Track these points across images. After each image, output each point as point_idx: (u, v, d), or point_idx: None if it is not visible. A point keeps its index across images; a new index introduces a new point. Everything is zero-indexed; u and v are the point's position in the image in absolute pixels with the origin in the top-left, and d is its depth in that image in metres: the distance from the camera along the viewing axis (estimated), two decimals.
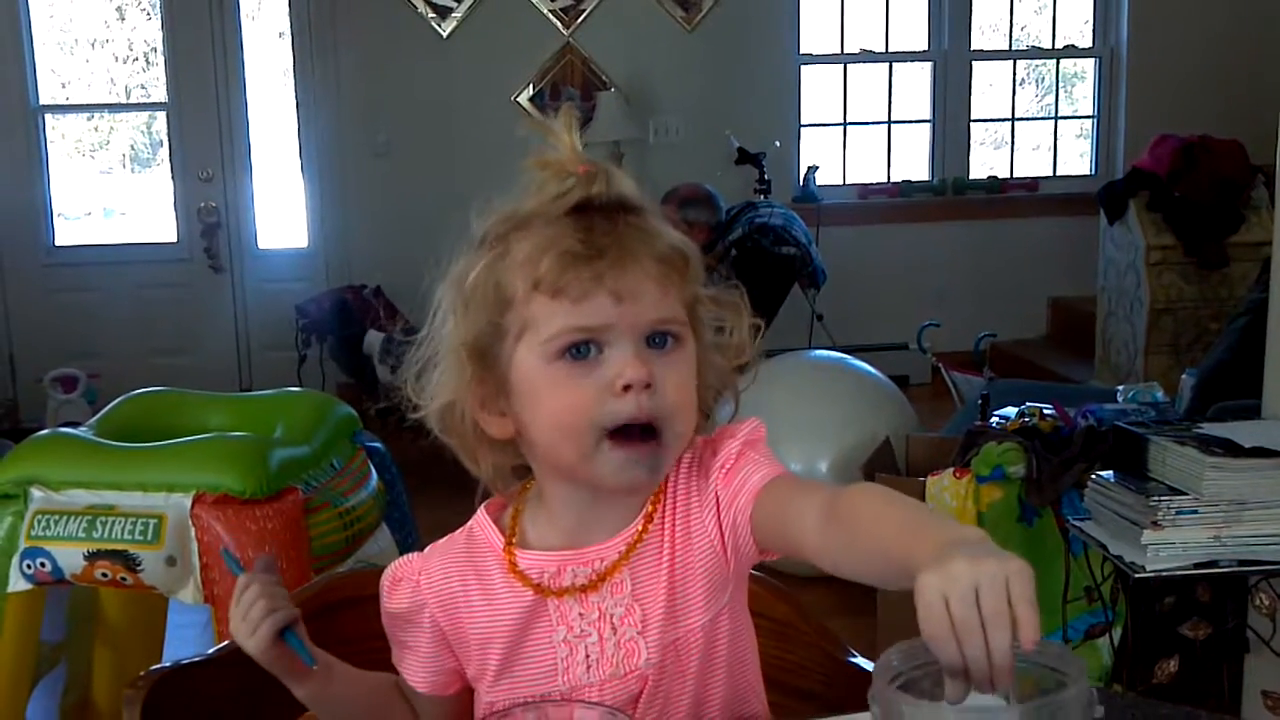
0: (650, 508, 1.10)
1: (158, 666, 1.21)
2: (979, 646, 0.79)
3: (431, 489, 3.04)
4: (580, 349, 1.03)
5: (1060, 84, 6.84)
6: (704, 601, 1.09)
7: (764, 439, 1.12)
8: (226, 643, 1.29)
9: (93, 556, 2.26)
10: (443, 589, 1.13)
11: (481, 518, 1.16)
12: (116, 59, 6.15)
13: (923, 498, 2.97)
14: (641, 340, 1.04)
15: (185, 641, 2.72)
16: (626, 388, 1.02)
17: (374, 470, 2.65)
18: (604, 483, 1.06)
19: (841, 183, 6.51)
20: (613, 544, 1.10)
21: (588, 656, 1.09)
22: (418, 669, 1.16)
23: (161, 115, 6.06)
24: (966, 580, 0.79)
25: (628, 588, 1.09)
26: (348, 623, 1.33)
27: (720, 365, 1.12)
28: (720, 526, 1.08)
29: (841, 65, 6.47)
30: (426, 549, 1.17)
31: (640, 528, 1.10)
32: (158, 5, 5.89)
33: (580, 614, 1.09)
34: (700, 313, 1.10)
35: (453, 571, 1.13)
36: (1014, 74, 6.69)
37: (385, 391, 1.15)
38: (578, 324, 1.02)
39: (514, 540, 1.13)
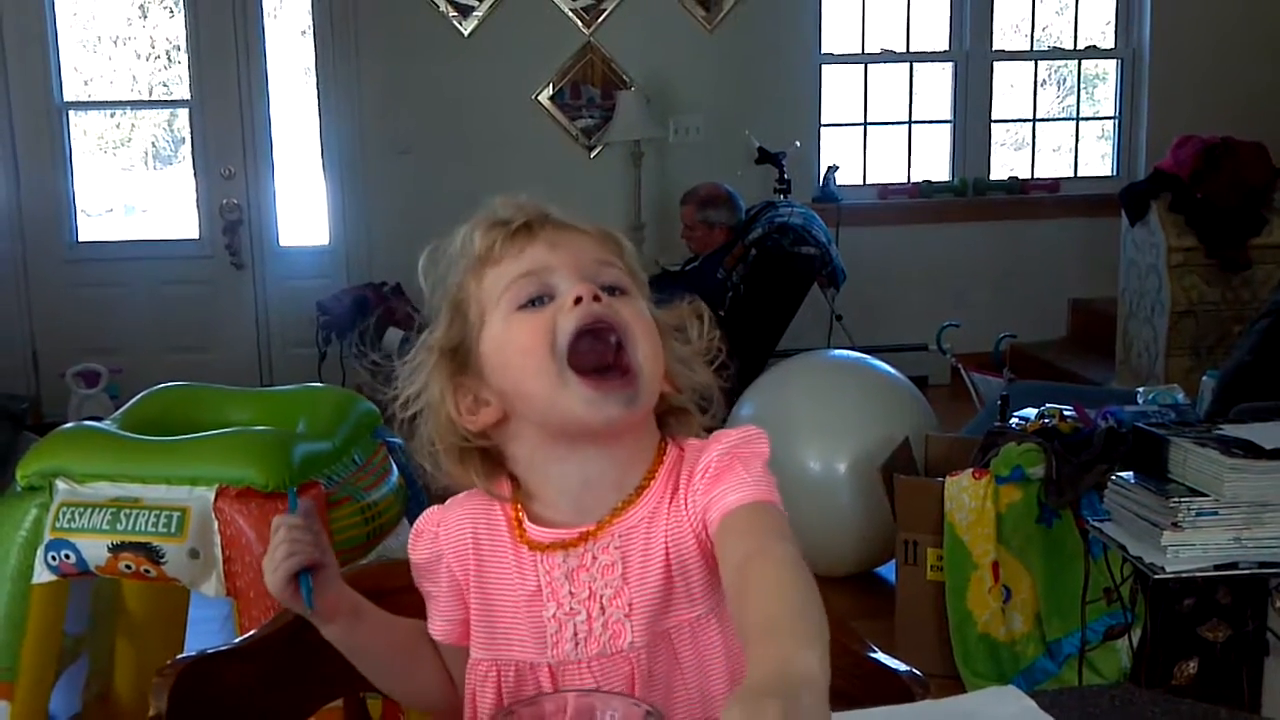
0: (642, 483, 1.12)
1: (184, 655, 1.22)
2: None
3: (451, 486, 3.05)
4: (535, 301, 1.10)
5: (1082, 85, 6.82)
6: (698, 594, 1.11)
7: (761, 453, 1.11)
8: (251, 633, 1.31)
9: (117, 549, 2.27)
10: (458, 541, 1.16)
11: (503, 481, 1.18)
12: (139, 56, 6.18)
13: (941, 498, 2.97)
14: (589, 279, 1.11)
15: (207, 634, 2.74)
16: (577, 300, 1.08)
17: (395, 466, 2.66)
18: (580, 421, 1.08)
19: (862, 183, 6.50)
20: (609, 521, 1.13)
21: (576, 634, 1.11)
22: (437, 618, 1.19)
23: (184, 112, 6.09)
24: None
25: (619, 570, 1.11)
26: None
27: (687, 357, 1.16)
28: (703, 530, 1.10)
29: (862, 65, 6.46)
30: (451, 499, 1.19)
31: (630, 497, 1.12)
32: (180, 2, 5.92)
33: (570, 592, 1.11)
34: (646, 297, 1.16)
35: (469, 524, 1.16)
36: (1035, 75, 6.67)
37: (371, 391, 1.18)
38: (522, 270, 1.11)
39: (520, 513, 1.15)
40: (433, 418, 1.14)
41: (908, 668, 1.15)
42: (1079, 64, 6.76)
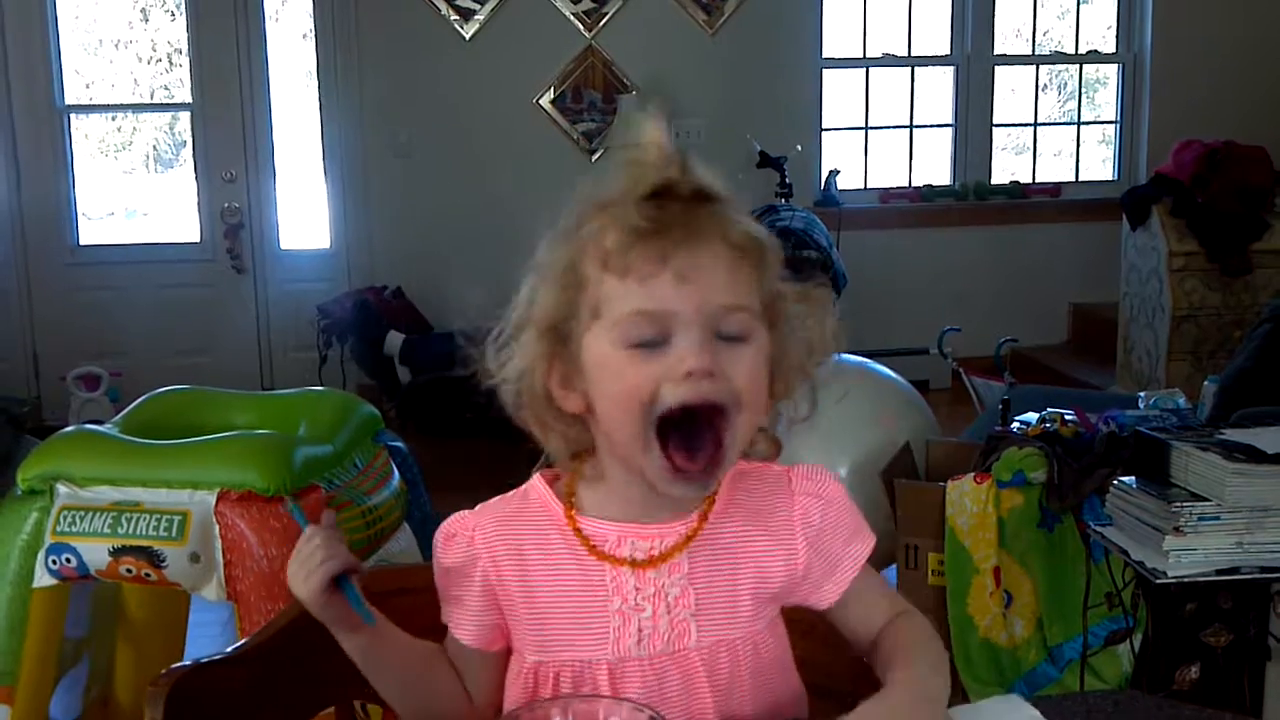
0: (707, 505, 1.13)
1: (179, 664, 1.21)
2: None
3: (452, 489, 3.05)
4: (648, 343, 1.03)
5: (1083, 89, 6.82)
6: (765, 610, 1.14)
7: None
8: (246, 640, 1.30)
9: (118, 552, 2.27)
10: (497, 545, 1.13)
11: (538, 482, 1.17)
12: (140, 59, 6.18)
13: (942, 503, 2.97)
14: (710, 330, 1.03)
15: (206, 639, 2.74)
16: (689, 374, 1.02)
17: (396, 470, 2.66)
18: (651, 483, 1.07)
19: (863, 187, 6.50)
20: (673, 527, 1.12)
21: (640, 630, 1.10)
22: (466, 623, 1.16)
23: (185, 116, 6.09)
24: None
25: (685, 569, 1.11)
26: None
27: (795, 360, 1.11)
28: (809, 570, 1.15)
29: (863, 69, 6.47)
30: (477, 507, 1.17)
31: (697, 522, 1.12)
32: (182, 6, 5.92)
33: (636, 588, 1.11)
34: (780, 308, 1.09)
35: (508, 529, 1.14)
36: (1037, 79, 6.67)
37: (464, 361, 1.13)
38: (643, 307, 1.02)
39: (573, 507, 1.14)
40: (523, 383, 1.10)
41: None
42: (1080, 68, 6.76)
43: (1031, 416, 3.07)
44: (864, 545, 1.18)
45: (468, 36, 5.97)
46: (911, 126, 6.56)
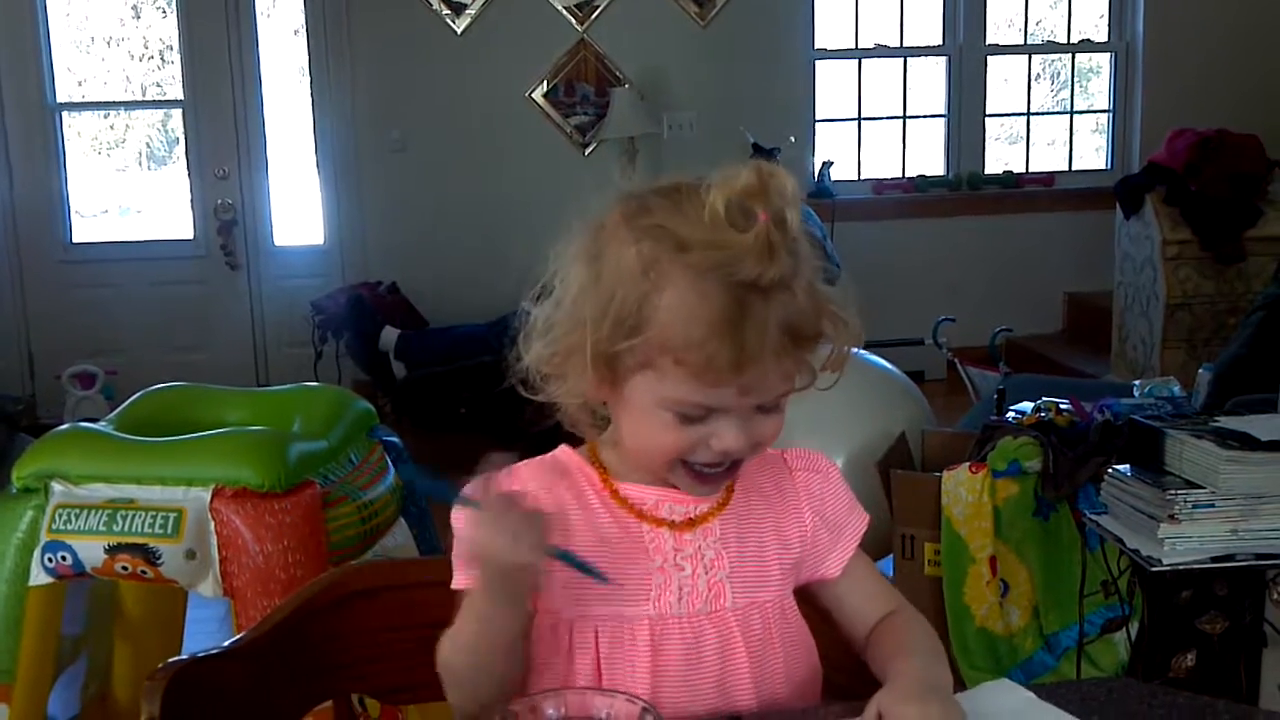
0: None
1: (175, 659, 1.21)
2: None
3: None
4: (693, 414, 1.06)
5: (1076, 78, 6.82)
6: (786, 576, 1.18)
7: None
8: (243, 634, 1.30)
9: (113, 550, 2.27)
10: (541, 497, 1.12)
11: (569, 451, 1.18)
12: (132, 57, 6.17)
13: (938, 493, 2.97)
14: (751, 411, 1.07)
15: (204, 634, 2.74)
16: (724, 451, 1.07)
17: (391, 465, 2.66)
18: (678, 488, 1.13)
19: (856, 178, 6.50)
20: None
21: (680, 589, 1.12)
22: None
23: (177, 113, 6.08)
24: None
25: (718, 533, 1.15)
26: (360, 615, 1.34)
27: (810, 369, 1.12)
28: (816, 538, 1.20)
29: (856, 60, 6.46)
30: (508, 470, 1.13)
31: (725, 494, 1.17)
32: (173, 3, 5.91)
33: (675, 548, 1.13)
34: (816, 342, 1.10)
35: (549, 485, 1.14)
36: (1029, 69, 6.67)
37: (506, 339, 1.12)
38: (702, 402, 1.05)
39: (606, 472, 1.16)
40: (559, 388, 1.11)
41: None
42: (1073, 57, 6.76)
43: (1026, 406, 3.07)
44: (861, 519, 1.24)
45: (459, 31, 5.96)
46: (905, 117, 6.56)
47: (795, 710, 1.15)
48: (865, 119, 6.53)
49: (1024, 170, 6.62)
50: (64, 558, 2.29)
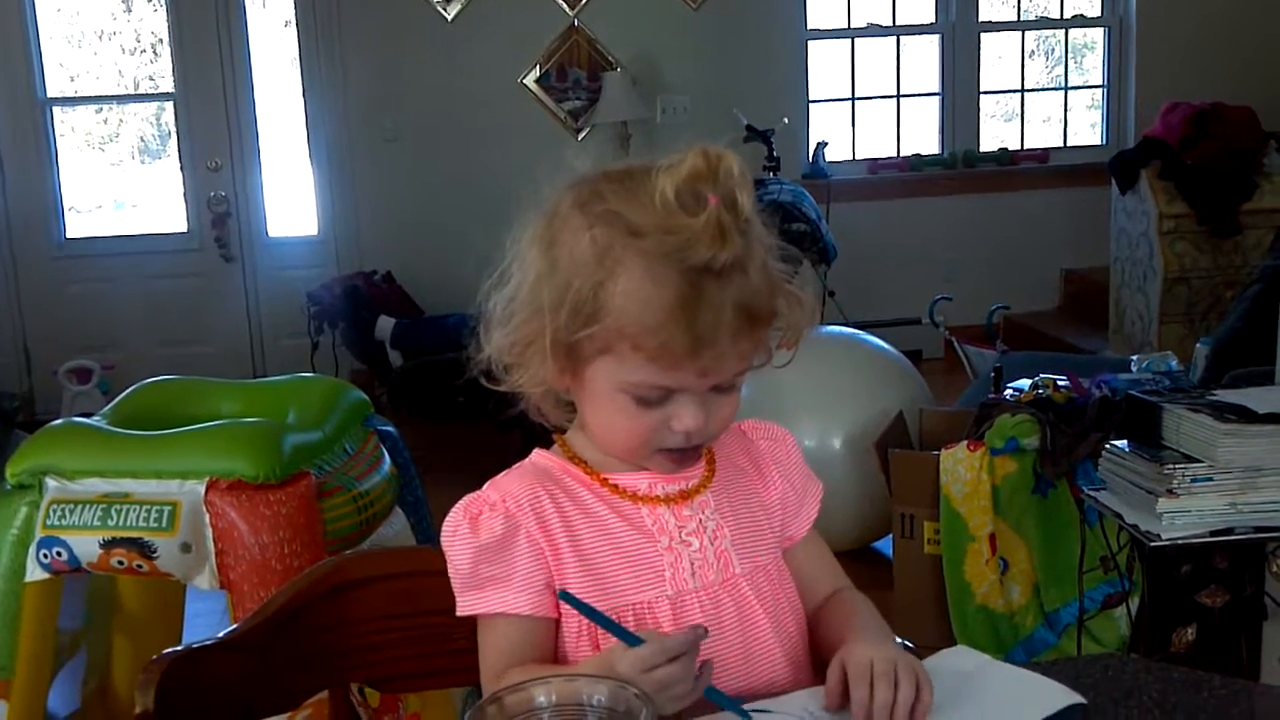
0: (707, 453, 1.19)
1: (170, 650, 1.21)
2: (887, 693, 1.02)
3: (444, 472, 3.05)
4: (652, 397, 1.07)
5: (1070, 54, 6.79)
6: (776, 539, 1.21)
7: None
8: (238, 625, 1.30)
9: (109, 544, 2.26)
10: (535, 506, 1.12)
11: (542, 454, 1.19)
12: (124, 50, 6.15)
13: (937, 472, 2.97)
14: (708, 391, 1.08)
15: (205, 627, 2.73)
16: (685, 432, 1.09)
17: (387, 454, 2.65)
18: (648, 468, 1.15)
19: (851, 158, 6.49)
20: (688, 471, 1.17)
21: (692, 563, 1.14)
22: (520, 594, 1.11)
23: (169, 106, 6.06)
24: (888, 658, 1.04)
25: (713, 505, 1.17)
26: (357, 604, 1.34)
27: (767, 348, 1.14)
28: (785, 501, 1.23)
29: (849, 39, 6.44)
30: (489, 483, 1.16)
31: (706, 467, 1.19)
32: None
33: (678, 525, 1.15)
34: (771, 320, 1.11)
35: (540, 490, 1.14)
36: (1023, 45, 6.65)
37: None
38: (659, 383, 1.06)
39: (588, 466, 1.16)
40: (521, 377, 1.12)
41: (899, 640, 1.15)
42: (1066, 33, 6.74)
43: (1024, 383, 3.07)
44: (818, 486, 1.27)
45: (450, 18, 5.94)
46: (899, 96, 6.54)
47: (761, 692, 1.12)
48: (859, 99, 6.51)
49: (1019, 147, 6.61)
50: (59, 553, 2.29)
